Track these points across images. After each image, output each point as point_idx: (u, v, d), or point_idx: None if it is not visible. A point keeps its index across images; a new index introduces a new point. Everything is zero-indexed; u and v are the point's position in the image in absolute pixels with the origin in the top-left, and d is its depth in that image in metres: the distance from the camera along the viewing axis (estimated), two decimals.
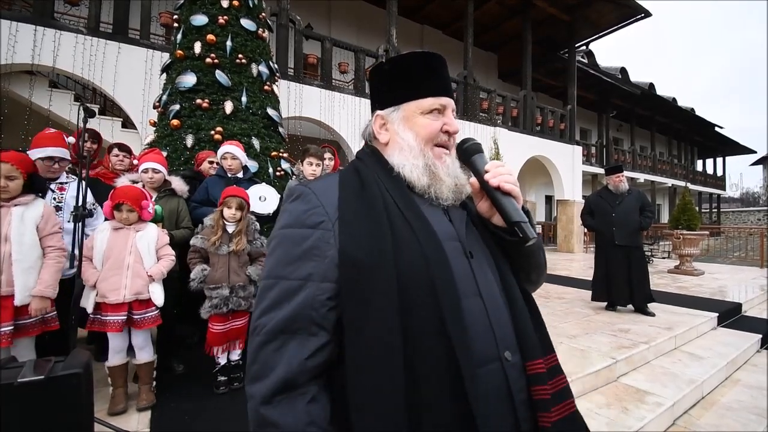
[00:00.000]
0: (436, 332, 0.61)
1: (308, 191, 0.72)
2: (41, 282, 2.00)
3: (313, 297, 0.64)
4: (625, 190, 4.56)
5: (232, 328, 2.48)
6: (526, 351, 0.68)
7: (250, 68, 4.09)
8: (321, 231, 0.67)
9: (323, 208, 0.69)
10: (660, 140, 21.74)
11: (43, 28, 5.33)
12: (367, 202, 0.70)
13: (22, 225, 1.96)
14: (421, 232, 0.68)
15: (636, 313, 4.42)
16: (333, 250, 0.66)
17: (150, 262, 2.31)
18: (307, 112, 7.59)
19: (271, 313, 0.65)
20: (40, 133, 2.43)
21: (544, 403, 0.65)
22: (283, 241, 0.69)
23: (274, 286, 0.66)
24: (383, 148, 0.82)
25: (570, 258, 10.79)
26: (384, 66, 0.82)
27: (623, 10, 11.85)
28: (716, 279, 7.20)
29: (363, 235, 0.66)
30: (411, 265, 0.64)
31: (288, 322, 0.64)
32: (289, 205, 0.73)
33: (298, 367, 0.62)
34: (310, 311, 0.64)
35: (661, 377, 3.01)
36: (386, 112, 0.81)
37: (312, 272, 0.65)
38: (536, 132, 11.92)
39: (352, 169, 0.78)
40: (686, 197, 7.83)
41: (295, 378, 0.62)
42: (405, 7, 11.49)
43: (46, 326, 2.06)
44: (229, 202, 2.50)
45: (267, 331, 0.64)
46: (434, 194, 0.76)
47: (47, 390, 1.40)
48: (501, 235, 0.78)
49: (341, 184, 0.73)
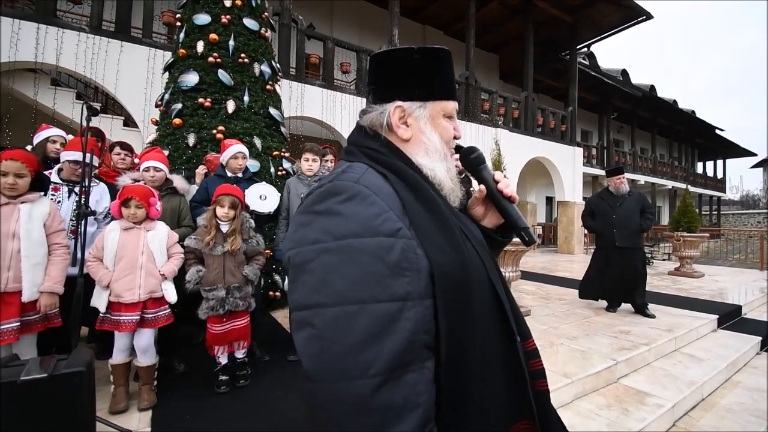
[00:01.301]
0: (499, 331, 0.67)
1: (366, 190, 0.60)
2: (50, 278, 2.02)
3: (422, 318, 0.55)
4: (626, 191, 4.56)
5: (233, 328, 2.46)
6: (523, 333, 0.74)
7: (252, 67, 4.10)
8: (403, 239, 0.57)
9: (392, 212, 0.59)
10: (661, 142, 21.75)
11: (46, 26, 5.33)
12: (427, 205, 0.64)
13: (30, 222, 1.98)
14: (473, 238, 0.71)
15: (636, 315, 4.43)
16: (424, 261, 0.58)
17: (162, 260, 2.33)
18: (308, 112, 7.59)
19: (372, 347, 0.51)
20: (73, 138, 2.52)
21: (542, 371, 0.75)
22: (354, 255, 0.55)
23: (359, 315, 0.52)
24: (403, 144, 0.74)
25: (570, 259, 10.79)
26: (414, 54, 0.72)
27: (625, 12, 11.85)
28: (716, 281, 7.20)
29: (442, 242, 0.61)
30: (479, 272, 0.66)
31: (401, 355, 0.52)
32: (340, 206, 0.59)
33: (431, 400, 0.55)
34: (422, 335, 0.55)
35: (662, 379, 3.01)
36: (410, 105, 0.73)
37: (410, 290, 0.55)
38: (537, 133, 11.91)
39: (385, 164, 0.69)
40: (687, 199, 7.83)
41: (431, 412, 0.55)
42: (407, 8, 11.49)
43: (49, 323, 2.07)
44: (221, 201, 2.45)
45: (377, 372, 0.51)
46: (452, 199, 0.76)
47: (50, 388, 1.41)
48: (494, 236, 0.87)
49: (391, 182, 0.65)
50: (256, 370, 2.77)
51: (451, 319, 0.57)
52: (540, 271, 8.10)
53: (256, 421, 2.14)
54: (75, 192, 2.40)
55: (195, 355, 2.89)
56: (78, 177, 2.41)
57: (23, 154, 1.97)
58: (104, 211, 2.66)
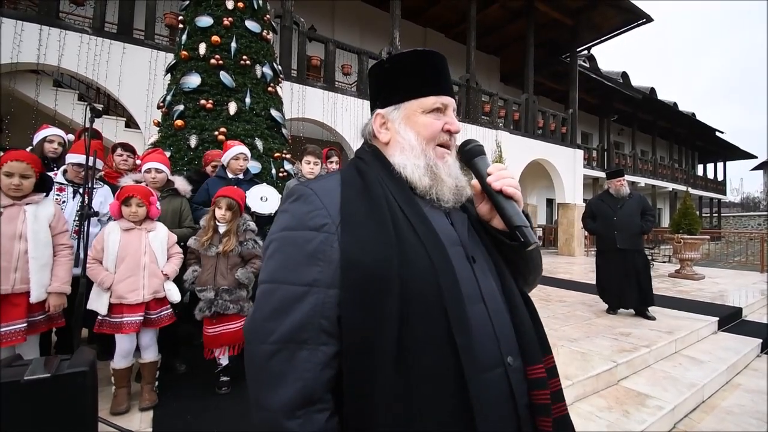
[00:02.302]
0: (441, 340, 0.61)
1: (309, 191, 0.69)
2: (57, 279, 2.04)
3: (322, 304, 0.62)
4: (626, 194, 4.57)
5: (225, 331, 2.41)
6: (528, 356, 0.68)
7: (254, 69, 4.11)
8: (324, 234, 0.65)
9: (326, 209, 0.67)
10: (661, 144, 21.75)
11: (49, 28, 5.36)
12: (371, 203, 0.68)
13: (37, 223, 1.99)
14: (426, 236, 0.67)
15: (637, 317, 4.43)
16: (337, 255, 0.64)
17: (163, 260, 2.34)
18: (310, 114, 7.61)
19: (276, 319, 0.62)
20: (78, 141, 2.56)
21: (544, 407, 0.66)
22: (284, 244, 0.66)
23: (276, 291, 0.63)
24: (384, 147, 0.80)
25: (571, 261, 10.79)
26: (385, 64, 0.80)
27: (625, 15, 11.90)
28: (717, 283, 7.19)
29: (368, 238, 0.64)
30: (417, 271, 0.63)
31: (296, 331, 0.61)
32: (289, 205, 0.70)
33: (314, 379, 0.60)
34: (319, 319, 0.61)
35: (662, 381, 3.01)
36: (387, 110, 0.79)
37: (317, 278, 0.63)
38: (538, 135, 11.93)
39: (354, 169, 0.76)
40: (687, 201, 7.83)
41: (313, 391, 0.60)
42: (408, 10, 11.52)
43: (53, 323, 2.08)
44: (219, 202, 2.46)
45: (275, 340, 0.61)
46: (436, 196, 0.74)
47: (53, 388, 1.41)
48: (501, 238, 0.78)
49: (343, 183, 0.71)
50: None
51: (349, 308, 0.62)
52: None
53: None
54: (80, 193, 2.41)
55: (196, 355, 2.89)
56: (82, 179, 2.42)
57: (28, 155, 1.99)
58: (108, 213, 2.67)
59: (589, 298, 5.29)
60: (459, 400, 0.59)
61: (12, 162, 1.92)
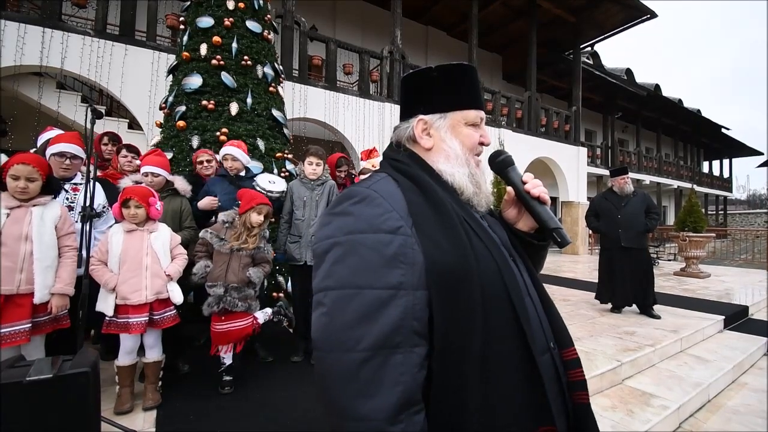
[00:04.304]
0: (511, 331, 0.68)
1: (375, 194, 0.68)
2: (61, 280, 2.05)
3: (412, 306, 0.62)
4: (631, 191, 4.54)
5: (233, 329, 2.44)
6: (562, 341, 0.76)
7: (255, 70, 4.12)
8: (402, 237, 0.64)
9: (396, 212, 0.66)
10: (666, 142, 21.61)
11: (51, 30, 5.39)
12: (436, 206, 0.70)
13: (42, 225, 2.00)
14: (486, 238, 0.72)
15: (641, 316, 4.40)
16: (420, 257, 0.64)
17: (166, 261, 2.34)
18: (311, 114, 7.62)
19: (363, 326, 0.60)
20: (57, 135, 2.51)
21: (581, 383, 0.75)
22: (356, 248, 0.63)
23: (356, 297, 0.61)
24: (425, 153, 0.81)
25: (575, 260, 10.75)
26: (432, 72, 0.82)
27: (629, 11, 11.79)
28: (722, 281, 7.14)
29: (444, 241, 0.66)
30: (488, 270, 0.68)
31: (388, 336, 0.59)
32: (351, 207, 0.68)
33: (412, 382, 0.60)
34: (411, 321, 0.61)
35: (667, 380, 2.99)
36: (431, 117, 0.81)
37: (402, 280, 0.62)
38: (541, 133, 11.88)
39: (401, 172, 0.76)
40: (692, 199, 7.77)
41: (412, 393, 0.60)
42: (410, 9, 11.51)
43: (58, 324, 2.09)
44: (260, 209, 2.55)
45: (365, 347, 0.59)
46: (476, 202, 0.80)
47: (56, 388, 1.41)
48: (528, 239, 0.87)
49: (401, 186, 0.72)
50: (260, 371, 2.78)
51: (443, 310, 0.63)
52: (544, 271, 8.05)
53: (260, 422, 2.15)
54: (66, 189, 2.41)
55: (199, 355, 2.90)
56: (66, 171, 2.43)
57: (35, 158, 2.00)
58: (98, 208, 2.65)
59: (593, 297, 5.26)
60: (530, 384, 0.67)
61: (18, 165, 1.93)
